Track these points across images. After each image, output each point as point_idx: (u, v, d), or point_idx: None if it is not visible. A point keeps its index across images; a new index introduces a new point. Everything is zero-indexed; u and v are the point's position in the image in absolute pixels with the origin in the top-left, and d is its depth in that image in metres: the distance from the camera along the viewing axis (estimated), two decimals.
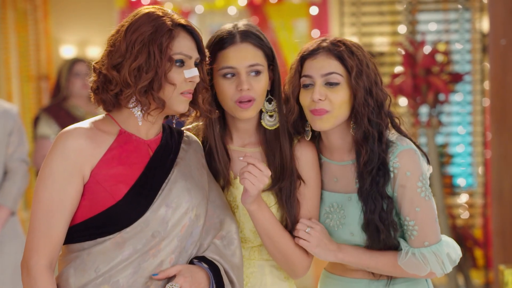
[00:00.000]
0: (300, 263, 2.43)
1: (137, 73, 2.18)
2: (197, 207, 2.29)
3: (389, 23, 6.86)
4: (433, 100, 5.66)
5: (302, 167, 2.45)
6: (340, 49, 2.39)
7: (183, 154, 2.34)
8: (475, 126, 6.60)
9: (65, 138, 2.19)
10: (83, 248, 2.20)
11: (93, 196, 2.19)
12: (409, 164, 2.37)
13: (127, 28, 2.21)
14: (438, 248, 2.38)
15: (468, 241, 5.96)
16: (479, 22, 6.51)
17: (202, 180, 2.35)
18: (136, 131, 2.27)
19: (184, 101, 2.25)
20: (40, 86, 7.33)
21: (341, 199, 2.46)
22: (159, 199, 2.23)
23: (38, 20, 7.35)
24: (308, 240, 2.40)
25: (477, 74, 6.54)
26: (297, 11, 7.19)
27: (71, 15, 7.50)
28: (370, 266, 2.42)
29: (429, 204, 2.39)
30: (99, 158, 2.20)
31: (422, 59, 5.62)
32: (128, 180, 2.21)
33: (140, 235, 2.19)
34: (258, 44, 2.41)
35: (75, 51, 7.40)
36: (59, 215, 2.16)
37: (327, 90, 2.39)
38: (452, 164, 6.47)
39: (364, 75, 2.38)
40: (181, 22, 2.24)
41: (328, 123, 2.39)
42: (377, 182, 2.37)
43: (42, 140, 5.17)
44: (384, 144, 2.39)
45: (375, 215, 2.37)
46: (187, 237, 2.26)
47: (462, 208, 6.46)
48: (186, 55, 2.23)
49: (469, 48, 6.55)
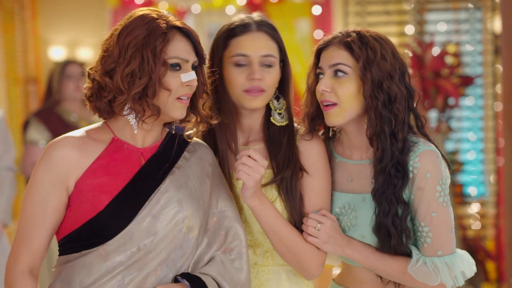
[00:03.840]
0: (312, 260, 2.41)
1: (130, 79, 2.19)
2: (189, 219, 2.27)
3: (396, 23, 6.87)
4: (442, 104, 5.69)
5: (307, 160, 2.45)
6: (349, 39, 2.41)
7: (182, 162, 2.33)
8: (487, 132, 6.61)
9: (51, 149, 2.23)
10: (69, 260, 2.24)
11: (77, 207, 2.22)
12: (430, 166, 2.36)
13: (120, 31, 2.23)
14: (452, 260, 2.37)
15: (480, 253, 5.98)
16: (491, 22, 6.53)
17: (201, 190, 2.33)
18: (131, 139, 2.28)
19: (181, 107, 2.25)
20: (27, 90, 7.32)
21: (354, 200, 2.46)
22: (145, 210, 2.22)
23: (26, 19, 7.35)
24: (317, 237, 2.40)
25: (489, 77, 6.55)
26: (299, 11, 7.21)
27: (60, 15, 7.50)
28: (378, 268, 2.42)
29: (446, 211, 2.38)
30: (86, 168, 2.23)
31: (430, 61, 5.65)
32: (112, 190, 2.22)
33: (124, 247, 2.20)
34: (273, 35, 2.46)
35: (64, 52, 7.40)
36: (41, 226, 2.21)
37: (334, 81, 2.41)
38: (462, 172, 6.48)
39: (375, 66, 2.38)
40: (176, 24, 2.24)
41: (339, 117, 2.41)
42: (395, 184, 2.36)
43: (31, 146, 5.16)
44: (400, 142, 2.38)
45: (388, 218, 2.36)
46: (176, 250, 2.25)
47: (473, 218, 6.46)
48: (182, 59, 2.24)
49: (480, 49, 6.56)
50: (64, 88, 5.29)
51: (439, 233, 2.37)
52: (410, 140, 2.40)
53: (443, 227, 2.37)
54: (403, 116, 2.40)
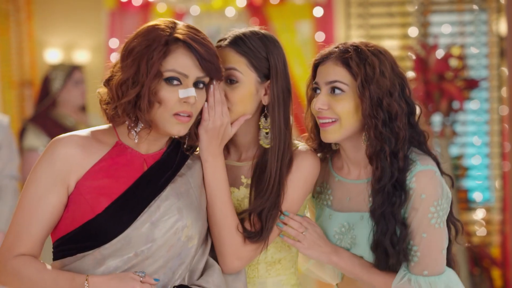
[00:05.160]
0: (230, 245, 2.37)
1: (124, 86, 2.21)
2: (189, 228, 2.28)
3: (399, 25, 6.86)
4: (446, 108, 5.69)
5: (290, 179, 2.42)
6: (348, 55, 2.39)
7: (185, 170, 2.35)
8: (492, 136, 6.60)
9: (55, 145, 2.24)
10: (64, 265, 2.24)
11: (75, 208, 2.23)
12: (426, 187, 2.36)
13: (127, 40, 2.26)
14: (436, 281, 2.38)
15: (485, 261, 5.97)
16: (496, 24, 6.52)
17: (201, 199, 2.35)
18: (134, 145, 2.30)
19: (177, 124, 2.24)
20: (23, 93, 7.32)
21: (353, 219, 2.45)
22: (144, 216, 2.23)
23: (21, 21, 7.33)
24: (301, 242, 2.40)
25: (494, 80, 6.54)
26: (300, 13, 7.18)
27: (56, 17, 7.48)
28: (364, 279, 2.43)
29: (438, 232, 2.38)
30: (87, 169, 2.24)
31: (434, 64, 5.65)
32: (112, 193, 2.23)
33: (120, 252, 2.21)
34: (242, 52, 2.41)
35: (60, 55, 7.38)
36: (38, 222, 2.21)
37: (331, 98, 2.39)
38: (467, 177, 6.47)
39: (373, 84, 2.36)
40: (178, 37, 2.22)
41: (336, 134, 2.40)
42: (393, 202, 2.36)
43: (30, 153, 5.14)
44: (400, 161, 2.37)
45: (386, 237, 2.36)
46: (174, 258, 2.26)
47: (478, 224, 6.46)
48: (180, 73, 2.22)
49: (485, 52, 6.56)
50: (67, 93, 5.27)
51: (427, 254, 2.38)
52: (410, 157, 2.39)
53: (432, 248, 2.38)
54: (404, 134, 2.39)
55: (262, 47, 2.42)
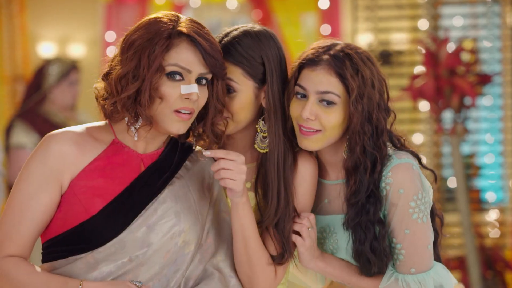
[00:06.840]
0: (264, 281, 2.37)
1: (124, 81, 2.19)
2: (186, 233, 2.26)
3: (408, 17, 6.86)
4: (458, 104, 5.67)
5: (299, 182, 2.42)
6: (344, 66, 2.35)
7: (183, 172, 2.34)
8: (506, 134, 6.65)
9: (48, 141, 2.22)
10: (54, 268, 2.22)
11: (68, 208, 2.21)
12: (403, 181, 2.36)
13: (128, 32, 2.25)
14: (425, 278, 2.38)
15: (498, 263, 5.99)
16: (510, 17, 6.58)
17: (200, 203, 2.34)
18: (132, 144, 2.28)
19: (177, 121, 2.22)
20: (15, 89, 7.38)
21: (333, 221, 2.46)
22: (140, 219, 2.22)
23: (13, 14, 7.40)
24: (305, 239, 2.38)
25: (508, 75, 6.59)
26: (305, 5, 7.22)
27: (50, 9, 7.54)
28: (351, 282, 2.42)
29: (421, 227, 2.37)
30: (82, 168, 2.22)
31: (445, 58, 5.65)
32: (107, 195, 2.21)
33: (114, 257, 2.19)
34: (236, 61, 2.38)
35: (55, 49, 7.46)
36: (28, 223, 2.19)
37: (319, 109, 2.36)
38: (479, 177, 6.54)
39: (365, 97, 2.35)
40: (182, 31, 2.21)
41: (318, 144, 2.39)
42: (367, 211, 2.36)
43: (18, 150, 5.15)
44: (376, 173, 2.37)
45: (366, 245, 2.36)
46: (170, 264, 2.25)
47: (491, 226, 6.50)
48: (183, 68, 2.20)
49: (499, 45, 6.62)
50: (60, 93, 5.26)
51: (412, 251, 2.38)
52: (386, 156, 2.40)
53: (417, 244, 2.38)
54: (386, 150, 2.39)
55: (257, 51, 2.40)
